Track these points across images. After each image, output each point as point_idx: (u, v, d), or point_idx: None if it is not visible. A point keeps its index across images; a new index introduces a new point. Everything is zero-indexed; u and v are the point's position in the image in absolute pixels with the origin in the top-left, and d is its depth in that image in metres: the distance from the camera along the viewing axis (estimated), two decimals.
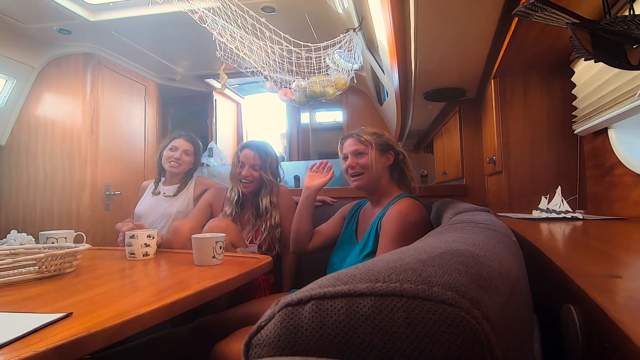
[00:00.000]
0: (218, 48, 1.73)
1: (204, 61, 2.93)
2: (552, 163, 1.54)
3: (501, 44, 1.38)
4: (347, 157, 1.25)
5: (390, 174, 1.27)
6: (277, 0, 2.00)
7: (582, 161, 1.46)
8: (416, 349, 0.24)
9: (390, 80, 1.96)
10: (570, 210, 1.14)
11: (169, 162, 1.73)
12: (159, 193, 1.77)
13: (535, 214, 1.21)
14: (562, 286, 0.43)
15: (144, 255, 1.15)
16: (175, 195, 1.75)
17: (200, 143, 1.87)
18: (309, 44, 1.76)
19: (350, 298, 0.28)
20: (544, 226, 0.98)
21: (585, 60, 0.80)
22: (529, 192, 1.54)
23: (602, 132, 1.26)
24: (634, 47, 0.73)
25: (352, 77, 2.01)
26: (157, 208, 1.73)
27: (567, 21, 0.76)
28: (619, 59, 0.74)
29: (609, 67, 0.80)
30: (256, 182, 1.55)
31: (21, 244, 1.20)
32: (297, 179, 2.85)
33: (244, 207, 1.59)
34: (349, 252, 1.23)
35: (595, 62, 0.78)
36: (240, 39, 1.70)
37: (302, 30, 2.23)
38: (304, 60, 1.81)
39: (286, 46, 1.69)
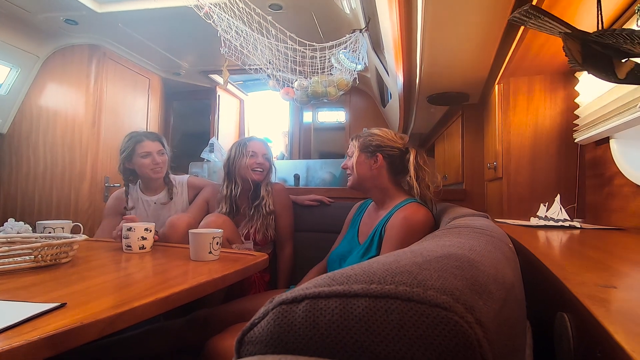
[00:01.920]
0: (223, 44, 1.72)
1: (209, 57, 2.93)
2: (553, 171, 1.54)
3: (507, 50, 1.38)
4: None
5: (391, 176, 1.20)
6: None
7: (583, 170, 1.46)
8: (408, 351, 0.24)
9: (395, 82, 1.96)
10: (569, 218, 1.14)
11: (150, 169, 1.59)
12: (147, 203, 1.65)
13: (533, 221, 1.21)
14: (556, 294, 0.43)
15: (140, 249, 1.15)
16: (171, 199, 1.66)
17: (162, 135, 1.73)
18: (314, 44, 1.76)
19: (344, 298, 0.28)
20: (541, 234, 0.97)
21: (575, 69, 0.80)
22: (528, 199, 1.54)
23: (603, 142, 1.26)
24: (623, 61, 0.73)
25: (355, 78, 2.01)
26: (156, 219, 1.61)
27: (560, 30, 0.76)
28: (606, 72, 0.74)
29: None
30: (266, 170, 1.59)
31: (18, 233, 1.20)
32: (297, 177, 2.85)
33: (239, 203, 1.59)
34: (350, 251, 1.22)
35: (588, 72, 0.78)
36: (245, 36, 1.70)
37: (308, 29, 2.23)
38: (309, 60, 1.81)
39: (291, 45, 1.69)
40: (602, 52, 0.73)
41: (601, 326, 0.29)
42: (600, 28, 0.75)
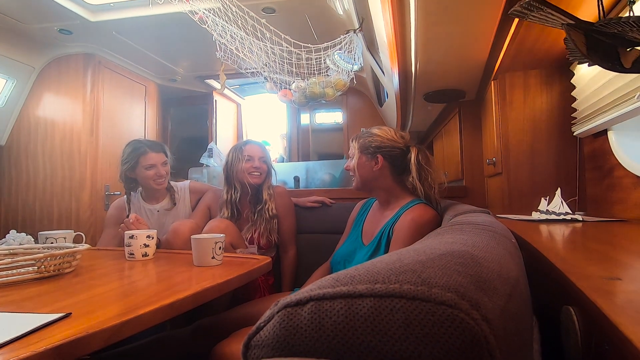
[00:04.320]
0: (218, 49, 1.73)
1: (205, 62, 2.93)
2: (552, 165, 1.54)
3: (501, 45, 1.39)
4: None
5: (394, 177, 1.19)
6: (278, 2, 2.00)
7: (582, 163, 1.46)
8: (415, 350, 0.24)
9: (391, 81, 1.96)
10: (570, 212, 1.14)
11: (154, 181, 1.58)
12: (149, 213, 1.65)
13: (535, 215, 1.21)
14: (561, 288, 0.43)
15: (143, 256, 1.15)
16: (175, 205, 1.66)
17: (164, 144, 1.72)
18: (309, 45, 1.76)
19: (349, 299, 0.27)
20: (543, 228, 0.97)
21: (579, 62, 0.80)
22: (528, 193, 1.54)
23: (601, 134, 1.26)
24: (628, 50, 0.72)
25: (352, 78, 2.02)
26: (160, 227, 1.59)
27: (563, 22, 0.75)
28: (612, 62, 0.73)
29: None
30: (264, 174, 1.58)
31: (20, 244, 1.20)
32: (297, 179, 2.85)
33: (241, 207, 1.59)
34: (354, 252, 1.22)
35: (589, 65, 0.78)
36: (240, 39, 1.70)
37: (302, 31, 2.23)
38: (304, 61, 1.81)
39: (286, 47, 1.69)
40: (606, 42, 0.72)
41: (608, 319, 0.29)
42: (602, 17, 0.75)
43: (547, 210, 1.19)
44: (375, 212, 1.27)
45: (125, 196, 1.67)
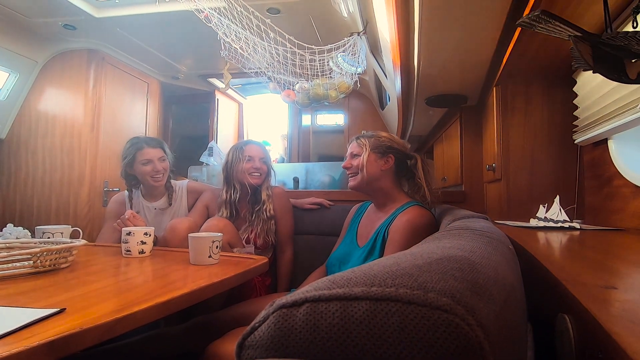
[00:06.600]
0: (223, 48, 1.73)
1: (208, 60, 2.94)
2: (552, 172, 1.54)
3: (504, 51, 1.39)
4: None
5: (395, 179, 1.23)
6: (283, 2, 2.00)
7: (582, 171, 1.46)
8: (409, 354, 0.24)
9: (393, 84, 1.97)
10: (568, 219, 1.14)
11: (151, 177, 1.58)
12: (146, 210, 1.65)
13: (533, 222, 1.21)
14: (557, 295, 0.42)
15: (140, 253, 1.15)
16: (170, 205, 1.66)
17: (163, 141, 1.70)
18: (313, 47, 1.76)
19: (345, 301, 0.27)
20: (541, 235, 0.97)
21: (584, 70, 0.81)
22: (527, 200, 1.54)
23: (602, 143, 1.26)
24: (633, 61, 0.74)
25: (356, 81, 2.02)
26: (157, 225, 1.57)
27: (570, 34, 0.77)
28: (618, 73, 0.75)
29: None
30: (264, 174, 1.58)
31: (17, 238, 1.20)
32: (296, 180, 2.85)
33: (239, 207, 1.58)
34: (349, 254, 1.22)
35: (593, 72, 0.79)
36: (245, 39, 1.70)
37: (306, 33, 2.24)
38: (308, 63, 1.82)
39: (290, 48, 1.69)
40: (612, 54, 0.74)
41: (602, 327, 0.29)
42: (608, 30, 0.77)
43: (545, 217, 1.19)
44: (370, 214, 1.28)
45: (126, 192, 1.68)
